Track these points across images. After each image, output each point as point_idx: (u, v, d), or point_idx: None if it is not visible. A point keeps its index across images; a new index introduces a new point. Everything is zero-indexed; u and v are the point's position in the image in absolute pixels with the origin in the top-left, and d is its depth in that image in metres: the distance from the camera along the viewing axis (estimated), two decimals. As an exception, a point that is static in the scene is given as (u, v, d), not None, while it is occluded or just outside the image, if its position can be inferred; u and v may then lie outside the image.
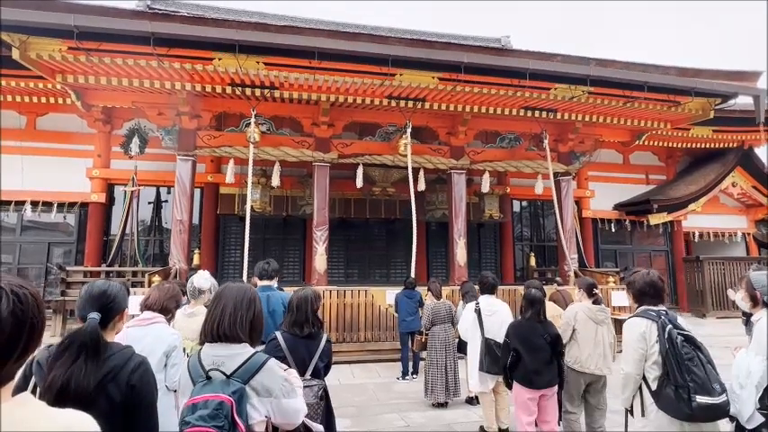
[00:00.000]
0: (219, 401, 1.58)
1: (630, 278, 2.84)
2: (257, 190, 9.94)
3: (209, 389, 1.64)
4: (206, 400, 1.59)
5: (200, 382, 1.68)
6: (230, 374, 1.69)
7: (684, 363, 2.39)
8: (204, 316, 1.89)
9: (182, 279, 7.95)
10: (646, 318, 2.63)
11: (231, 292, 1.91)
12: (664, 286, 2.77)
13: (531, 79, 7.84)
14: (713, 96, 8.93)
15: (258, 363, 1.76)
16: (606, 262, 13.73)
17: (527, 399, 3.84)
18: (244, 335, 1.82)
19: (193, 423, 1.54)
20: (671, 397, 2.41)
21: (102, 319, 1.89)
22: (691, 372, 2.36)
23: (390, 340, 8.34)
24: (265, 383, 1.74)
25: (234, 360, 1.73)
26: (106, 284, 2.01)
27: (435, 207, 11.87)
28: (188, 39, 6.87)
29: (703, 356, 2.44)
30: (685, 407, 2.35)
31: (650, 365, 2.55)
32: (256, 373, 1.73)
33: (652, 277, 2.74)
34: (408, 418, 5.30)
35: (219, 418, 1.55)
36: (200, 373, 1.70)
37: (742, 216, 14.18)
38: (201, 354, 1.79)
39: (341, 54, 7.28)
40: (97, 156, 10.85)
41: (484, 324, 4.62)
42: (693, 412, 2.33)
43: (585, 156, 11.08)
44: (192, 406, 1.59)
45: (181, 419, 1.60)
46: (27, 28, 6.59)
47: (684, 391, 2.35)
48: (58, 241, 10.99)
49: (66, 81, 7.67)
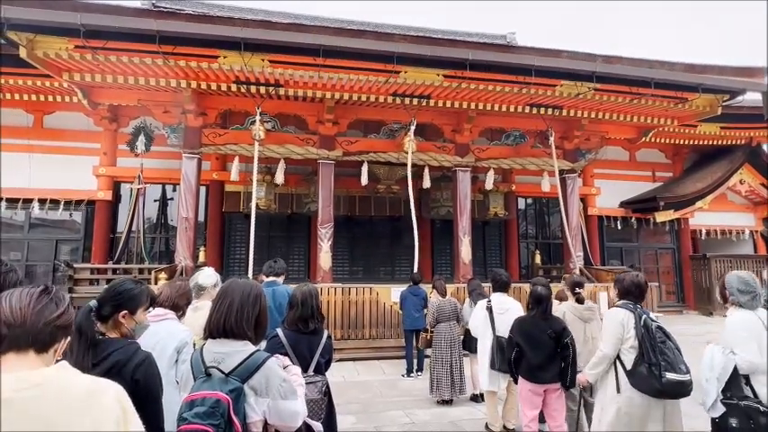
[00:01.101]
0: (216, 399, 1.57)
1: (621, 277, 3.19)
2: (262, 188, 9.95)
3: (208, 386, 1.64)
4: (203, 398, 1.58)
5: (199, 379, 1.68)
6: (229, 372, 1.68)
7: (658, 345, 2.77)
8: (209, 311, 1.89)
9: (188, 276, 8.00)
10: (625, 308, 3.03)
11: (238, 287, 1.90)
12: (646, 289, 3.15)
13: (536, 76, 7.80)
14: (721, 93, 8.85)
15: (257, 361, 1.74)
16: (612, 260, 13.66)
17: (530, 392, 3.85)
18: (249, 331, 1.82)
19: (189, 420, 1.54)
20: (644, 374, 2.77)
21: (104, 311, 1.92)
22: (663, 353, 2.74)
23: (395, 337, 8.35)
24: (264, 383, 1.72)
25: (233, 358, 1.72)
26: (123, 281, 2.08)
27: (440, 204, 11.85)
28: (193, 37, 6.89)
29: (672, 344, 2.83)
30: (656, 382, 2.71)
31: (627, 348, 2.93)
32: (255, 372, 1.71)
33: (640, 280, 3.12)
34: (413, 415, 5.30)
35: (216, 416, 1.55)
36: (201, 370, 1.70)
37: (749, 213, 14.06)
38: (204, 350, 1.79)
39: (346, 51, 7.28)
40: (103, 154, 10.92)
41: (495, 322, 4.60)
42: (663, 387, 2.69)
43: (591, 153, 11.02)
44: (190, 402, 1.59)
45: (179, 415, 1.60)
46: (34, 26, 6.64)
47: (656, 368, 2.71)
48: (65, 238, 11.08)
49: (73, 79, 7.72)
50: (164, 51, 6.85)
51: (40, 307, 1.16)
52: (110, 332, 1.94)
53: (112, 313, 1.95)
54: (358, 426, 4.97)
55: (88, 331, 1.80)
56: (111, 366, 1.79)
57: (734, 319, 2.89)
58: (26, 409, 1.05)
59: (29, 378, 1.09)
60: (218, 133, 9.19)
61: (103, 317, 1.94)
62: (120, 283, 2.07)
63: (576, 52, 8.32)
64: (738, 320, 2.86)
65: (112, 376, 1.76)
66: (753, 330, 2.80)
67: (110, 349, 1.84)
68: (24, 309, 1.14)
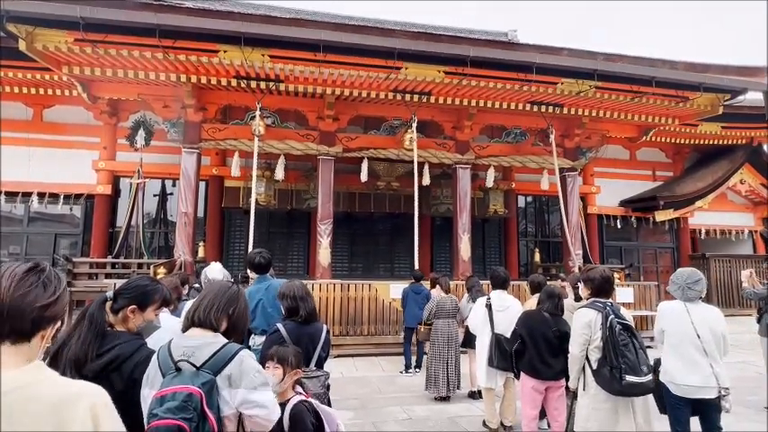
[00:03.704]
0: (188, 393, 1.53)
1: (589, 274, 3.27)
2: (262, 183, 9.94)
3: (178, 381, 1.58)
4: (174, 393, 1.53)
5: (169, 374, 1.62)
6: (200, 366, 1.63)
7: (620, 348, 2.86)
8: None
9: (187, 271, 7.99)
10: (593, 309, 3.09)
11: (215, 286, 1.93)
12: (614, 283, 3.26)
13: (537, 73, 7.77)
14: (722, 92, 8.83)
15: (230, 352, 1.68)
16: (611, 258, 13.66)
17: (532, 388, 3.83)
18: (217, 324, 1.77)
19: (161, 415, 1.49)
20: (606, 375, 2.91)
21: (116, 304, 1.95)
22: (624, 356, 2.84)
23: (394, 334, 8.36)
24: (237, 373, 1.66)
25: (203, 351, 1.67)
26: (140, 277, 2.14)
27: (440, 202, 11.84)
28: (193, 31, 6.87)
29: (637, 343, 2.93)
30: (617, 384, 2.84)
31: (593, 349, 3.04)
32: (228, 362, 1.66)
33: (609, 274, 3.21)
34: (411, 411, 5.31)
35: (188, 410, 1.50)
36: (170, 365, 1.65)
37: (749, 213, 14.05)
38: (171, 345, 1.72)
39: (346, 47, 7.25)
40: (103, 148, 10.89)
41: (494, 319, 4.60)
42: (623, 389, 2.84)
43: (592, 151, 11.00)
44: (160, 398, 1.54)
45: (148, 412, 1.55)
46: (34, 19, 6.60)
47: (617, 371, 2.84)
48: (64, 233, 11.07)
49: (73, 73, 7.68)
50: (164, 45, 6.81)
51: (23, 291, 0.99)
52: (118, 325, 1.96)
53: (123, 307, 1.96)
54: (356, 421, 4.97)
55: (99, 321, 1.82)
56: (112, 360, 1.79)
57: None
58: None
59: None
60: (217, 128, 9.17)
61: (115, 309, 1.96)
62: (135, 279, 2.10)
63: (577, 50, 8.31)
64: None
65: (111, 371, 1.76)
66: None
67: (114, 342, 1.84)
68: (3, 291, 0.97)
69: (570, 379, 3.28)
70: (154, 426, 1.49)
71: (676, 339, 3.32)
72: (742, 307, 12.50)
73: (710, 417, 3.29)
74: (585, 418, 3.05)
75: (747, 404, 5.31)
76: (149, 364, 1.74)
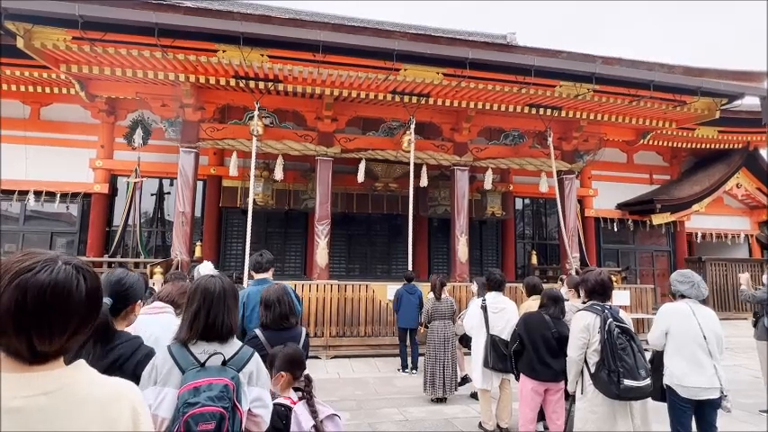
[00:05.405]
0: (225, 384, 1.62)
1: (584, 277, 3.27)
2: (260, 183, 9.92)
3: (206, 374, 1.65)
4: (209, 383, 1.62)
5: (192, 369, 1.68)
6: (226, 362, 1.73)
7: (618, 352, 2.85)
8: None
9: (183, 270, 7.97)
10: (592, 312, 3.06)
11: (217, 291, 1.94)
12: (612, 286, 3.21)
13: (536, 76, 7.79)
14: (719, 96, 8.87)
15: (248, 353, 1.83)
16: (608, 261, 13.69)
17: (532, 390, 3.84)
18: (237, 330, 1.92)
19: (203, 403, 1.56)
20: (604, 379, 2.90)
21: (115, 306, 1.94)
22: (622, 359, 2.84)
23: (390, 335, 8.35)
24: (255, 372, 1.81)
25: (225, 350, 1.78)
26: (124, 273, 2.10)
27: (438, 203, 11.84)
28: (192, 30, 6.85)
29: (636, 346, 2.92)
30: (614, 388, 2.83)
31: (591, 352, 3.03)
32: (248, 362, 1.79)
33: (603, 277, 3.18)
34: (407, 413, 5.31)
35: (225, 399, 1.59)
36: (191, 361, 1.71)
37: (745, 217, 14.12)
38: (189, 345, 1.79)
39: (345, 48, 7.25)
40: (100, 146, 10.85)
41: (490, 321, 4.61)
42: (620, 393, 2.82)
43: (589, 154, 11.03)
44: (195, 389, 1.61)
45: (182, 402, 1.59)
46: (32, 16, 6.58)
47: (615, 375, 2.83)
48: (60, 231, 11.02)
49: (71, 71, 7.66)
50: (162, 44, 6.80)
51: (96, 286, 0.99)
52: (119, 324, 1.96)
53: (124, 306, 2.00)
54: (353, 422, 4.97)
55: (106, 325, 1.85)
56: (116, 359, 1.83)
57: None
58: (30, 422, 0.85)
59: (41, 382, 0.89)
60: (216, 128, 9.16)
61: (118, 310, 1.97)
62: (123, 276, 2.08)
63: (576, 53, 8.33)
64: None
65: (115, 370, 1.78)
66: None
67: (116, 341, 1.88)
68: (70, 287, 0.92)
69: (568, 382, 3.27)
70: (199, 412, 1.55)
71: (682, 340, 3.29)
72: (738, 310, 12.56)
73: (709, 417, 3.29)
74: (583, 420, 3.04)
75: (742, 407, 5.34)
76: (149, 361, 1.79)
